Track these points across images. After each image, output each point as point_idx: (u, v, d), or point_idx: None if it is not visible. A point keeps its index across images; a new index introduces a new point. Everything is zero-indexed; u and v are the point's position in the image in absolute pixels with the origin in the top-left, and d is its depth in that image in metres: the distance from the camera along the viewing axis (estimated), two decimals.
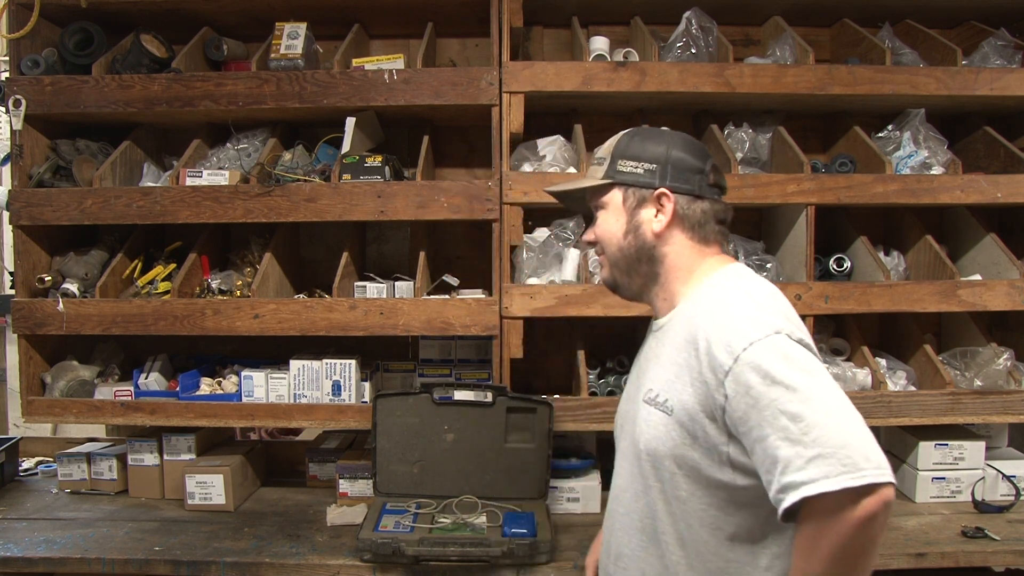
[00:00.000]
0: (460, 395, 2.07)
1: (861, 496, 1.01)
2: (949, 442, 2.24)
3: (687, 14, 2.25)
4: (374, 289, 2.24)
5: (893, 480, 1.04)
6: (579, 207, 1.55)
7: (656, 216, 1.31)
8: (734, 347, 1.13)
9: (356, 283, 2.26)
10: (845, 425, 1.05)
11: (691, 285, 1.31)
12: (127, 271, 2.32)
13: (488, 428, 2.08)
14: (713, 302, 1.23)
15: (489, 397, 2.06)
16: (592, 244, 1.42)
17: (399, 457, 2.09)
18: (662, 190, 1.30)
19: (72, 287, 2.24)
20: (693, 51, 2.24)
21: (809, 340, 1.17)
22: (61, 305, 2.18)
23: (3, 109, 2.22)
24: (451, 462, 2.09)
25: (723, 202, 1.35)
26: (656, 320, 1.37)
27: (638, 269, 1.34)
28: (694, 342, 1.20)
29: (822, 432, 1.03)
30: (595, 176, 1.37)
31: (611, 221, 1.35)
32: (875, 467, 1.02)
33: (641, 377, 1.35)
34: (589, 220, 1.44)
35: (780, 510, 1.06)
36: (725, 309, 1.20)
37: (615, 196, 1.34)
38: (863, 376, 2.21)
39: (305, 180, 2.16)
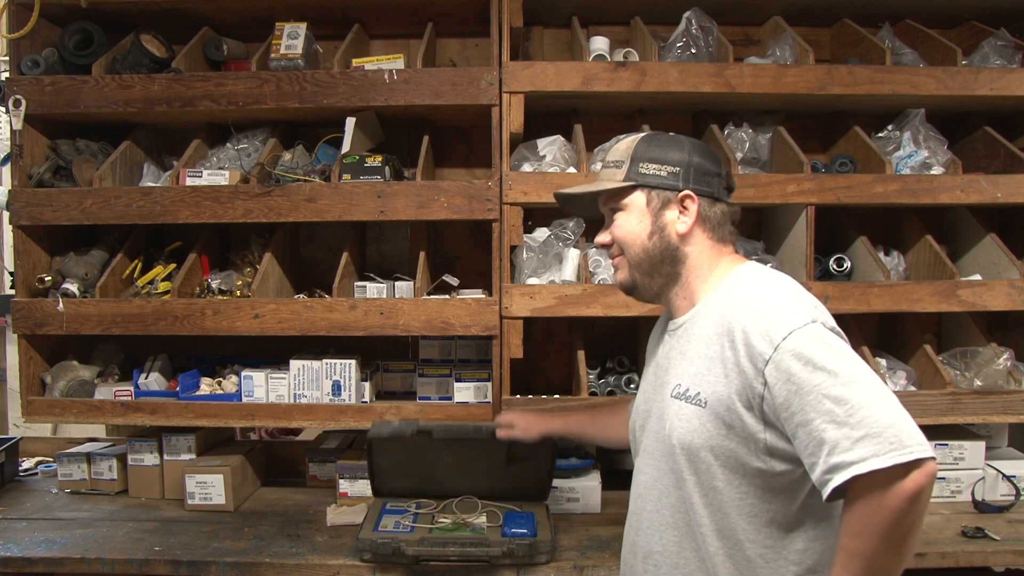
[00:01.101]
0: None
1: (909, 471, 1.06)
2: (949, 442, 2.23)
3: (687, 14, 2.25)
4: (374, 289, 2.23)
5: (935, 455, 1.08)
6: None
7: (679, 217, 1.34)
8: (773, 336, 1.16)
9: (356, 283, 2.26)
10: (888, 406, 1.09)
11: (711, 283, 1.34)
12: (127, 271, 2.32)
13: (488, 453, 2.01)
14: (744, 295, 1.26)
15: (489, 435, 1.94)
16: (607, 246, 1.43)
17: (396, 477, 2.06)
18: (687, 192, 1.33)
19: (72, 287, 2.24)
20: (693, 51, 2.24)
21: (839, 328, 1.21)
22: (61, 305, 2.18)
23: (3, 109, 2.22)
24: (451, 475, 2.07)
25: (735, 204, 1.39)
26: (674, 319, 1.39)
27: (660, 269, 1.36)
28: (728, 334, 1.22)
29: (868, 413, 1.08)
30: (614, 179, 1.37)
31: (633, 222, 1.36)
32: (918, 443, 1.07)
33: (663, 375, 1.36)
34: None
35: (827, 490, 1.09)
36: (759, 301, 1.23)
37: (637, 198, 1.36)
38: None
39: (305, 180, 2.16)
